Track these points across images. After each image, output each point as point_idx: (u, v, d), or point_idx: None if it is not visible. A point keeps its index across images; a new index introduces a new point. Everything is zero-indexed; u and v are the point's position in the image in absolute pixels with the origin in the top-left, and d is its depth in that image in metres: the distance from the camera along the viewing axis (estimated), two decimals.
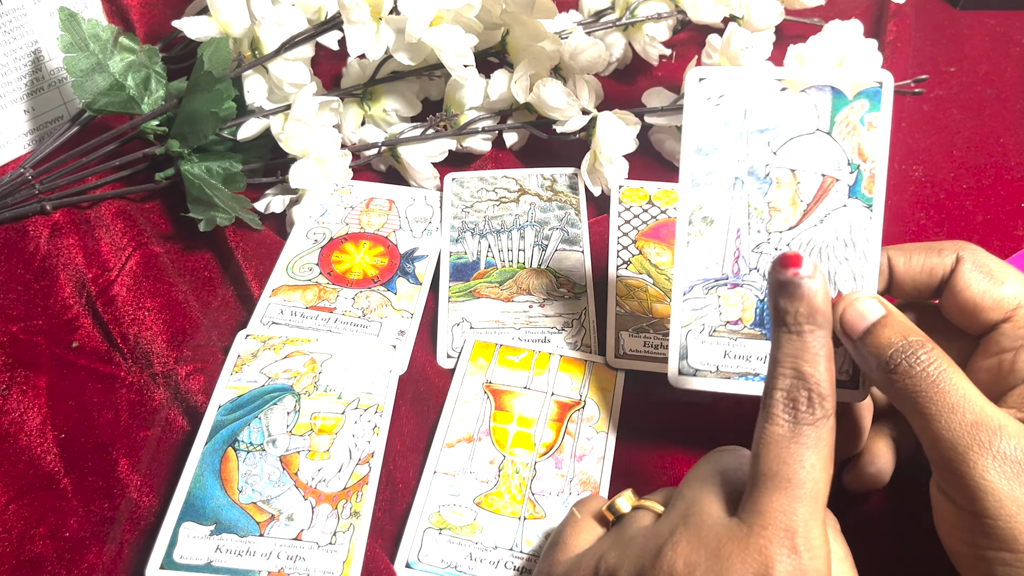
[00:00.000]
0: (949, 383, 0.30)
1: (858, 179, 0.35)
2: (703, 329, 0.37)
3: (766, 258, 0.36)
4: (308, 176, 0.51)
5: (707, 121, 0.36)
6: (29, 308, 0.48)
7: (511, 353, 0.45)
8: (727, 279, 0.36)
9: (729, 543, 0.28)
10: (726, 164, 0.36)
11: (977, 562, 0.30)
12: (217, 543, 0.37)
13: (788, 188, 0.36)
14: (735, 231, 0.36)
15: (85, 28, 0.52)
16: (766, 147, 0.36)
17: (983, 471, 0.29)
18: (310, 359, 0.44)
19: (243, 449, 0.40)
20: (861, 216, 0.35)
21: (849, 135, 0.35)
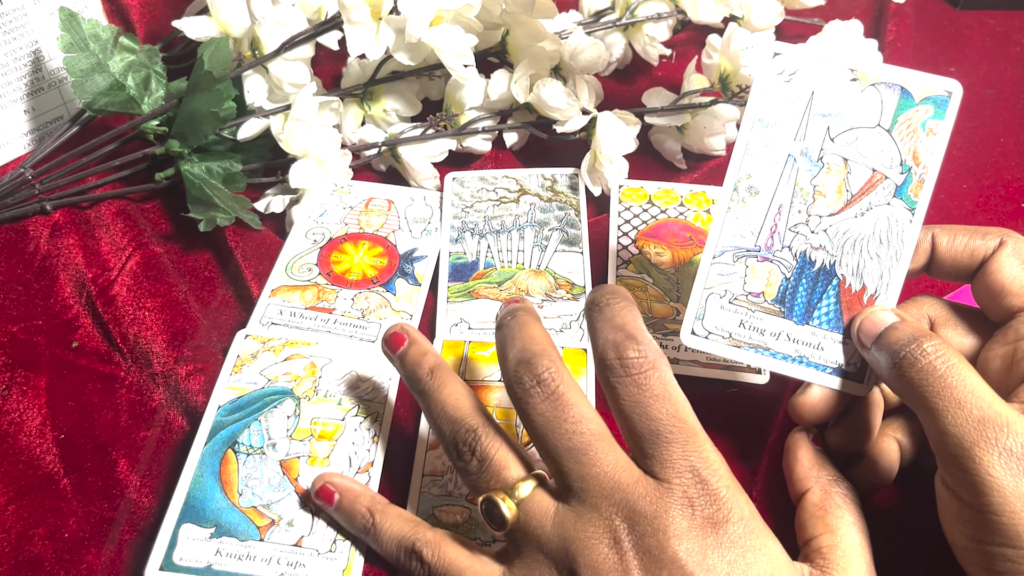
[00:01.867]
0: (956, 378, 0.31)
1: (907, 181, 0.36)
2: (724, 295, 0.37)
3: (801, 239, 0.36)
4: (308, 176, 0.51)
5: (774, 95, 0.37)
6: (29, 308, 0.48)
7: (481, 348, 0.45)
8: (759, 251, 0.37)
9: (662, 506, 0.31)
10: (783, 140, 0.37)
11: (980, 556, 0.30)
12: (217, 546, 0.37)
13: (837, 175, 0.36)
14: (777, 206, 0.36)
15: (85, 28, 0.52)
16: (825, 131, 0.36)
17: (988, 467, 0.29)
18: (310, 363, 0.44)
19: (243, 451, 0.40)
20: (902, 217, 0.36)
21: (908, 136, 0.36)
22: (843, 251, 0.36)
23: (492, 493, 0.33)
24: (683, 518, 0.31)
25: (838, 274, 0.36)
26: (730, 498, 0.31)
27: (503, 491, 0.33)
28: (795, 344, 0.36)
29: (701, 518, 0.31)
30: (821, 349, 0.36)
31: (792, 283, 0.37)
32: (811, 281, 0.36)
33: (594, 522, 0.31)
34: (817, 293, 0.36)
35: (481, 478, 0.34)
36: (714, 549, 0.30)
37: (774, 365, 0.37)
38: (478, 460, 0.34)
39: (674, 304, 0.47)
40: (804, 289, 0.36)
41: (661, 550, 0.30)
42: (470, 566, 0.34)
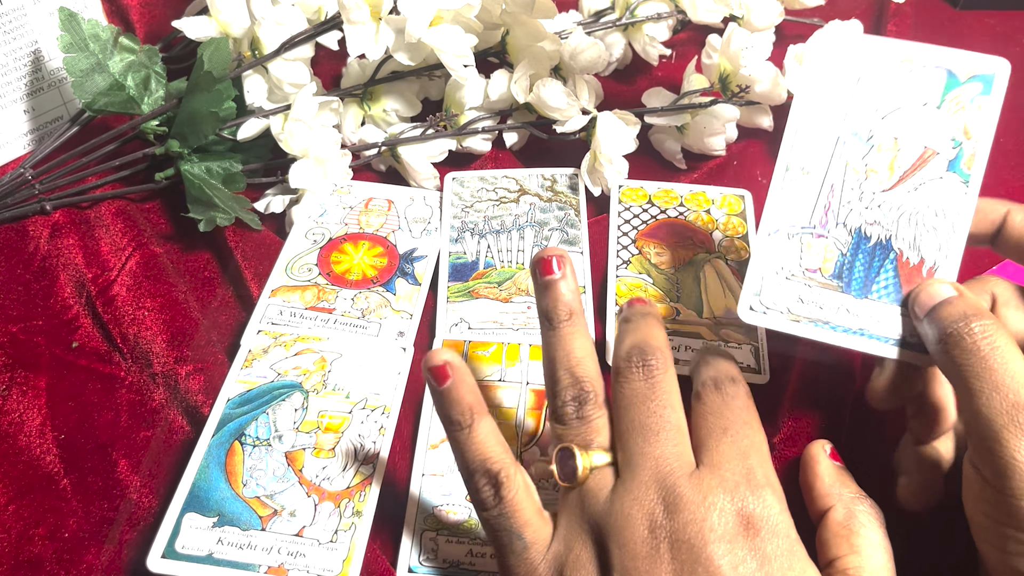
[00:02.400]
0: (999, 360, 0.31)
1: (959, 155, 0.36)
2: (781, 271, 0.37)
3: (856, 215, 0.36)
4: (308, 176, 0.51)
5: (823, 79, 0.37)
6: (29, 308, 0.48)
7: (481, 348, 0.45)
8: (814, 228, 0.37)
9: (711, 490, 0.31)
10: (832, 121, 0.37)
11: (994, 536, 0.30)
12: (219, 535, 0.37)
13: (888, 153, 0.36)
14: (829, 185, 0.37)
15: (85, 28, 0.52)
16: (874, 112, 0.37)
17: (1014, 451, 0.29)
18: (320, 357, 0.44)
19: (249, 443, 0.40)
20: (956, 190, 0.36)
21: (957, 113, 0.36)
22: (899, 225, 0.36)
23: (573, 446, 0.34)
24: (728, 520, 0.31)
25: (895, 248, 0.36)
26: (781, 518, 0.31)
27: (584, 449, 0.34)
28: (855, 317, 0.36)
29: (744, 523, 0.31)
30: (882, 322, 0.36)
31: (849, 259, 0.36)
32: (868, 256, 0.36)
33: (639, 501, 0.32)
34: (875, 267, 0.36)
35: (572, 431, 0.35)
36: (752, 559, 0.30)
37: (835, 338, 0.36)
38: (579, 417, 0.35)
39: (674, 304, 0.47)
40: (861, 264, 0.36)
41: (698, 547, 0.30)
42: (532, 520, 0.33)
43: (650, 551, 0.31)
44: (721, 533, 0.30)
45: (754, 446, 0.33)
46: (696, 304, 0.47)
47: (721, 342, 0.45)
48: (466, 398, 0.35)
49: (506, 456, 0.34)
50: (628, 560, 0.31)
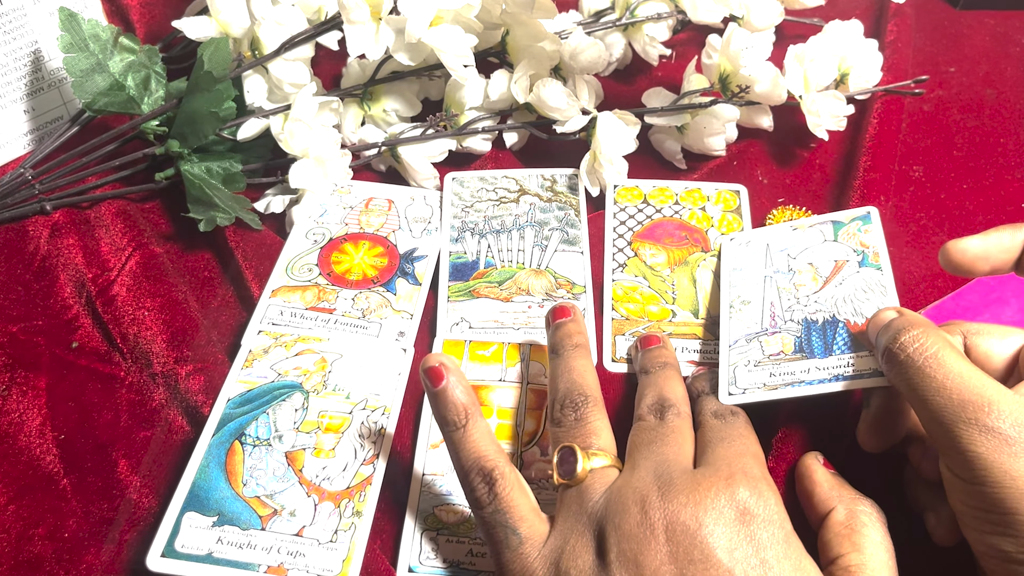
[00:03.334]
0: (935, 365, 0.32)
1: (864, 257, 0.43)
2: (748, 363, 0.41)
3: (799, 312, 0.42)
4: (308, 176, 0.51)
5: (739, 255, 0.47)
6: (29, 308, 0.48)
7: (481, 348, 0.45)
8: (767, 330, 0.42)
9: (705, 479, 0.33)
10: (756, 271, 0.46)
11: (976, 521, 0.32)
12: (219, 534, 0.37)
13: (808, 273, 0.44)
14: (769, 303, 0.43)
15: (85, 28, 0.52)
16: (786, 256, 0.45)
17: (969, 444, 0.30)
18: (320, 358, 0.44)
19: (249, 443, 0.40)
20: (874, 275, 0.42)
21: (851, 238, 0.44)
22: (837, 307, 0.41)
23: (574, 445, 0.35)
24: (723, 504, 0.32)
25: (841, 319, 0.40)
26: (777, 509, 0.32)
27: (584, 450, 0.35)
28: (827, 370, 0.38)
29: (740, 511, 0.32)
30: (851, 365, 0.38)
31: (804, 338, 0.40)
32: (820, 332, 0.40)
33: (636, 489, 0.33)
34: (830, 335, 0.40)
35: (571, 432, 0.37)
36: (747, 544, 0.31)
37: (815, 389, 0.38)
38: (576, 418, 0.37)
39: (670, 306, 0.47)
40: (817, 337, 0.40)
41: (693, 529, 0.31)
42: (527, 516, 0.34)
43: (646, 533, 0.31)
44: (716, 517, 0.31)
45: (750, 451, 0.35)
46: (692, 305, 0.47)
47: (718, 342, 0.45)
48: (460, 399, 0.36)
49: (500, 454, 0.35)
50: (624, 542, 0.31)
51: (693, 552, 0.30)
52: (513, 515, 0.34)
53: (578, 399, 0.38)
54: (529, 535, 0.34)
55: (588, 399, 0.38)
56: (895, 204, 0.54)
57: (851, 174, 0.54)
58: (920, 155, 0.58)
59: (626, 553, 0.31)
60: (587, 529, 0.33)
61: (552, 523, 0.35)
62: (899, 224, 0.53)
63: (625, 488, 0.33)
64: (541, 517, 0.35)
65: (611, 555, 0.31)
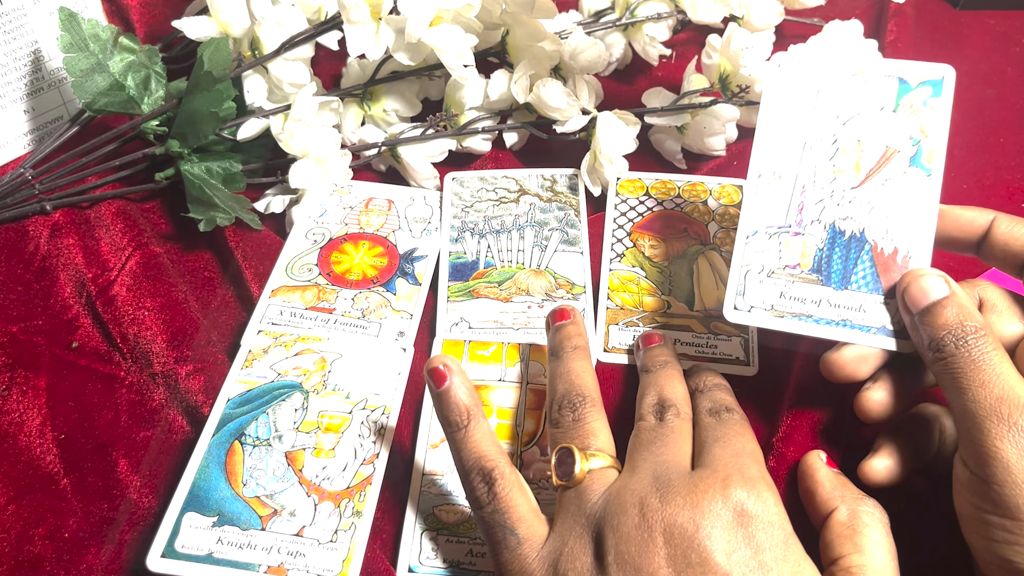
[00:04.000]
0: (988, 363, 0.32)
1: (919, 152, 0.38)
2: (762, 270, 0.39)
3: (828, 211, 0.38)
4: (308, 176, 0.51)
5: (783, 96, 0.40)
6: (29, 308, 0.48)
7: (481, 348, 0.45)
8: (790, 227, 0.39)
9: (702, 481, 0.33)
10: (797, 129, 0.40)
11: (980, 525, 0.31)
12: (219, 535, 0.37)
13: (853, 154, 0.39)
14: (801, 187, 0.39)
15: (85, 28, 0.52)
16: (835, 119, 0.39)
17: (996, 439, 0.30)
18: (320, 358, 0.44)
19: (249, 443, 0.40)
20: (920, 183, 0.38)
21: (912, 115, 0.39)
22: (870, 218, 0.38)
23: (572, 446, 0.35)
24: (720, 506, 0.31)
25: (869, 239, 0.38)
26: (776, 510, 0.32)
27: (582, 451, 0.35)
28: (837, 309, 0.37)
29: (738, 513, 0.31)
30: (863, 311, 0.37)
31: (826, 252, 0.38)
32: (844, 249, 0.38)
33: (634, 492, 0.33)
34: (852, 259, 0.38)
35: (570, 433, 0.37)
36: (746, 547, 0.31)
37: (819, 331, 0.37)
38: (575, 418, 0.37)
39: (665, 297, 0.47)
40: (839, 257, 0.38)
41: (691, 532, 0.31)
42: (526, 517, 0.34)
43: (644, 536, 0.31)
44: (714, 520, 0.31)
45: (747, 450, 0.35)
46: (687, 297, 0.47)
47: (711, 334, 0.45)
48: (463, 400, 0.36)
49: (500, 455, 0.36)
50: (622, 544, 0.31)
51: (691, 555, 0.30)
52: (512, 515, 0.34)
53: (576, 400, 0.38)
54: (528, 536, 0.34)
55: (586, 400, 0.38)
56: None
57: None
58: None
59: (624, 556, 0.31)
60: (585, 531, 0.33)
61: (551, 524, 0.35)
62: None
63: (624, 490, 0.33)
64: (540, 518, 0.35)
65: (609, 557, 0.31)
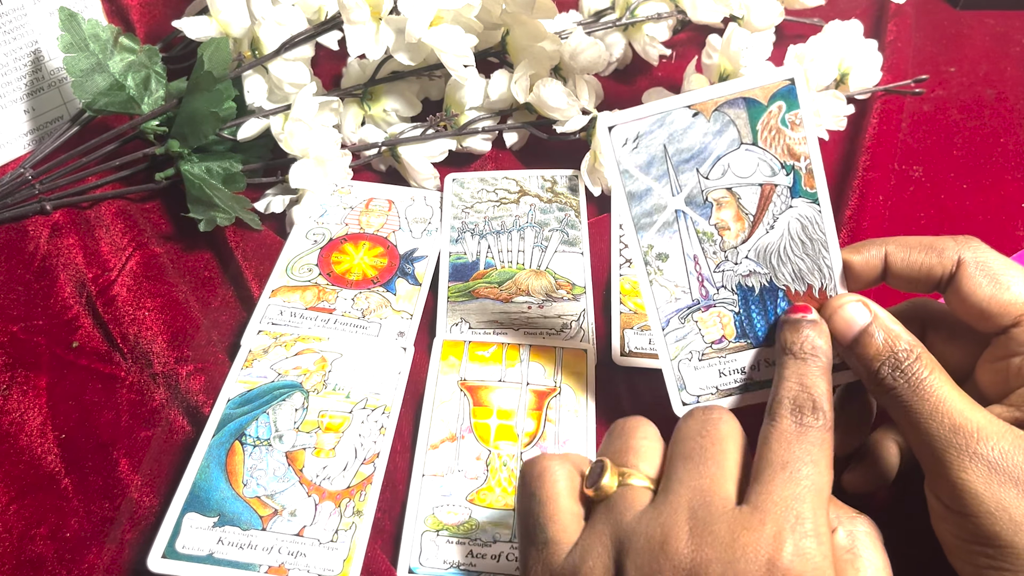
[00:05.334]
0: (931, 390, 0.31)
1: (796, 179, 0.36)
2: (692, 356, 0.38)
3: (729, 275, 0.37)
4: (308, 176, 0.51)
5: (631, 167, 0.36)
6: (29, 308, 0.48)
7: (481, 348, 0.45)
8: (699, 303, 0.37)
9: (743, 531, 0.28)
10: (663, 201, 0.36)
11: (965, 553, 0.31)
12: (219, 535, 0.37)
13: (730, 207, 0.36)
14: (692, 259, 0.37)
15: (85, 28, 0.52)
16: (696, 174, 0.36)
17: (959, 472, 0.30)
18: (320, 357, 0.44)
19: (250, 443, 0.40)
20: (810, 212, 0.36)
21: (775, 140, 0.36)
22: (773, 266, 0.37)
23: (607, 459, 0.33)
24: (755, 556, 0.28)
25: (780, 286, 0.37)
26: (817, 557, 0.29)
27: (620, 468, 0.32)
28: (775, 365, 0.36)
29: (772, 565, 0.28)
30: None
31: (744, 314, 0.37)
32: (760, 304, 0.37)
33: (665, 525, 0.30)
34: (770, 311, 0.37)
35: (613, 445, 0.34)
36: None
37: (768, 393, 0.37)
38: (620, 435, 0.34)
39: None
40: (758, 313, 0.37)
41: None
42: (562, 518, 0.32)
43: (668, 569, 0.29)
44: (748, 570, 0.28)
45: (813, 489, 0.30)
46: None
47: None
48: None
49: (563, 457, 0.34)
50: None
51: None
52: (547, 510, 0.32)
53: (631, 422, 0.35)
54: (557, 538, 0.32)
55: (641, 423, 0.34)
56: (895, 204, 0.54)
57: (851, 174, 0.54)
58: (920, 155, 0.58)
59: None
60: (608, 551, 0.31)
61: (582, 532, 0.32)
62: (899, 224, 0.53)
63: (655, 522, 0.30)
64: (577, 523, 0.32)
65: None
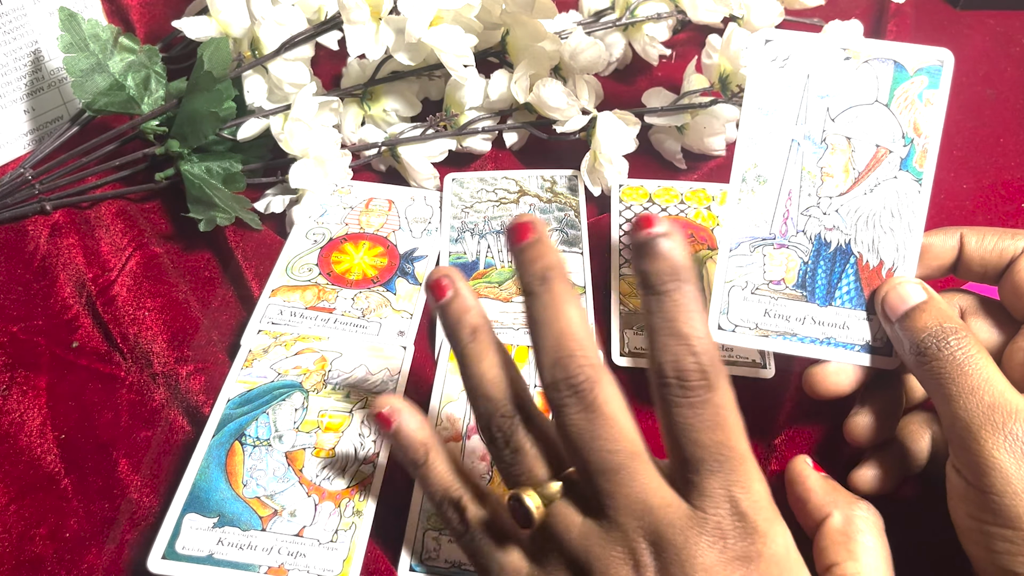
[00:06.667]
0: (973, 367, 0.32)
1: (911, 153, 0.37)
2: (746, 286, 0.38)
3: (815, 222, 0.37)
4: (308, 176, 0.51)
5: (770, 82, 0.37)
6: (29, 308, 0.48)
7: None
8: (774, 239, 0.38)
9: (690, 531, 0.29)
10: (785, 126, 0.37)
11: (980, 536, 0.31)
12: (219, 536, 0.37)
13: (842, 155, 0.37)
14: (787, 192, 0.37)
15: (85, 28, 0.52)
16: (825, 113, 0.37)
17: (992, 449, 0.30)
18: (320, 357, 0.44)
19: (249, 444, 0.40)
20: (910, 189, 0.37)
21: (907, 109, 0.37)
22: (857, 229, 0.37)
23: (520, 490, 0.31)
24: (713, 551, 0.29)
25: (855, 252, 0.37)
26: (767, 531, 0.29)
27: (532, 487, 0.31)
28: (821, 327, 0.37)
29: (732, 553, 0.29)
30: (847, 328, 0.37)
31: (811, 266, 0.37)
32: (829, 262, 0.37)
33: (619, 542, 0.30)
34: (836, 273, 0.37)
35: (512, 469, 0.32)
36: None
37: (803, 350, 0.37)
38: (511, 450, 0.32)
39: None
40: (823, 271, 0.37)
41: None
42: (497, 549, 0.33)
43: None
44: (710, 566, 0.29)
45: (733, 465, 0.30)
46: None
47: None
48: (416, 436, 0.34)
49: (465, 483, 0.34)
50: None
51: None
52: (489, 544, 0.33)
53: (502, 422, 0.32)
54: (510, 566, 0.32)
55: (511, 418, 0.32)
56: None
57: None
58: None
59: None
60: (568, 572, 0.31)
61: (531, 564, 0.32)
62: None
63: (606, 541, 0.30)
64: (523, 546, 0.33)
65: None
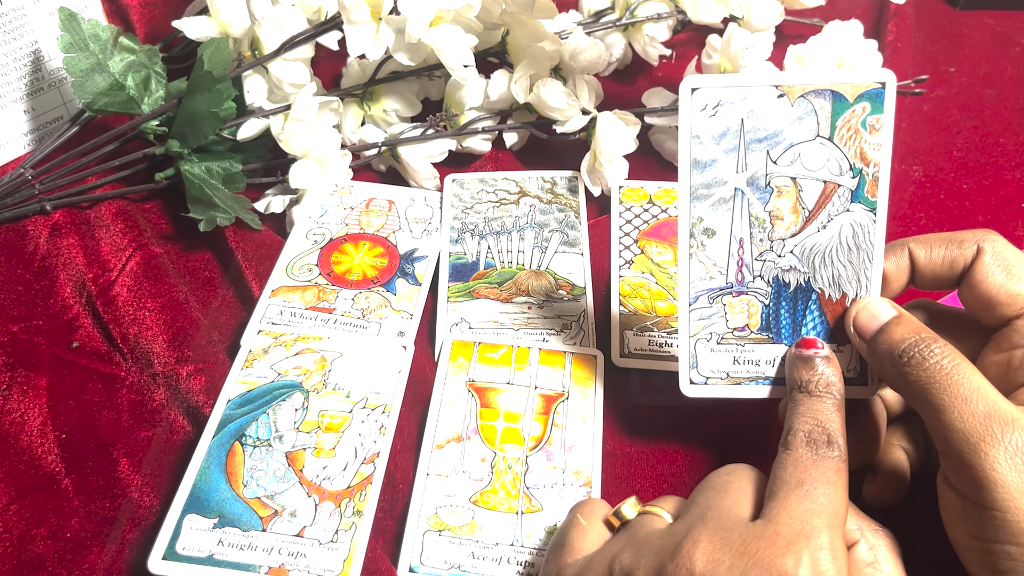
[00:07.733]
0: (962, 375, 0.31)
1: (861, 183, 0.35)
2: (711, 337, 0.37)
3: (769, 266, 0.36)
4: (308, 176, 0.51)
5: (703, 133, 0.35)
6: (29, 308, 0.48)
7: (491, 350, 0.45)
8: (731, 287, 0.37)
9: (755, 540, 0.28)
10: (725, 176, 0.36)
11: (983, 556, 0.30)
12: (220, 536, 0.37)
13: (789, 197, 0.36)
14: (738, 241, 0.36)
15: (85, 28, 0.52)
16: (766, 156, 0.36)
17: (993, 462, 0.29)
18: (320, 357, 0.44)
19: (250, 444, 0.40)
20: (864, 220, 0.36)
21: (851, 139, 0.35)
22: (814, 267, 0.36)
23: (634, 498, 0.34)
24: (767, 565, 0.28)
25: (815, 288, 0.36)
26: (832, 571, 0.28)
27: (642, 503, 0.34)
28: None
29: None
30: None
31: (772, 308, 0.37)
32: (791, 301, 0.37)
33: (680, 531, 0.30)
34: (799, 311, 0.37)
35: None
36: None
37: (777, 392, 0.37)
38: None
39: (676, 303, 0.47)
40: (786, 310, 0.37)
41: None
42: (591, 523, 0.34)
43: None
44: None
45: (829, 508, 0.29)
46: None
47: None
48: None
49: None
50: None
51: None
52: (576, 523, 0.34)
53: None
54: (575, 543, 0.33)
55: None
56: (895, 204, 0.54)
57: None
58: (920, 155, 0.58)
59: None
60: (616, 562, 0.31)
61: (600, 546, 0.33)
62: (899, 224, 0.53)
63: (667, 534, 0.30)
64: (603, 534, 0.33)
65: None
